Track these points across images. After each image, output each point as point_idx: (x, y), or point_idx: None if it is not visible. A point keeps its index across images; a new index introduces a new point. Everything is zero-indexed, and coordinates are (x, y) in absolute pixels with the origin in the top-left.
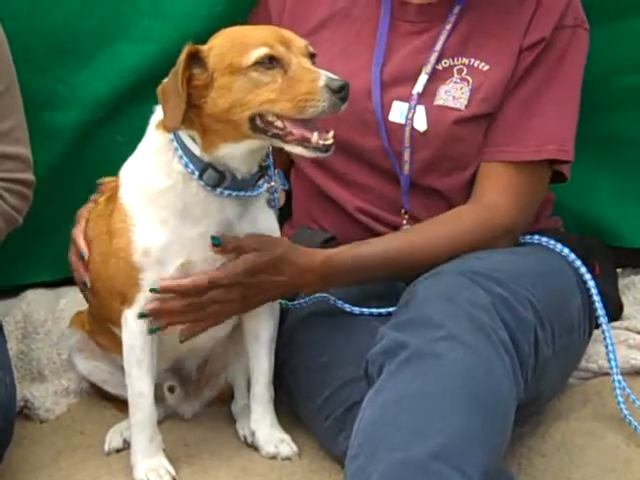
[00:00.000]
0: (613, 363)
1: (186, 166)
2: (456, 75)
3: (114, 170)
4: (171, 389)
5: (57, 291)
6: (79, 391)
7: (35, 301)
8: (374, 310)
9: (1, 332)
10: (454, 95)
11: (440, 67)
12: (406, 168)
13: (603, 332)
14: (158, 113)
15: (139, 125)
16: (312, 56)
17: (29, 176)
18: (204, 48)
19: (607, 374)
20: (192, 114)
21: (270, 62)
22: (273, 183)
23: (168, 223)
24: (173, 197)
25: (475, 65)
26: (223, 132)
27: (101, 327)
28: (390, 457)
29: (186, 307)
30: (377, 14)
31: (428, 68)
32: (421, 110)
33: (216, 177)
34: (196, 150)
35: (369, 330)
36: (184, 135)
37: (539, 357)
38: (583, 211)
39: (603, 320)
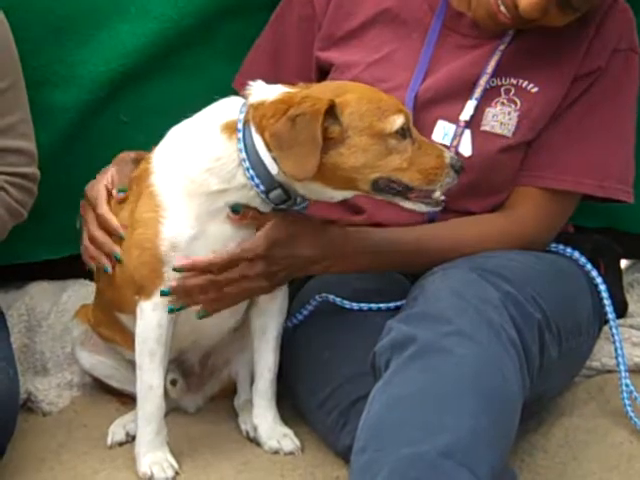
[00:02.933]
0: (622, 367)
1: (251, 179)
2: (503, 95)
3: (117, 146)
4: (173, 382)
5: (60, 284)
6: (82, 384)
7: (38, 294)
8: (373, 305)
9: (4, 325)
10: (501, 120)
11: (488, 86)
12: None
13: (613, 336)
14: (222, 113)
15: (142, 104)
16: None
17: (34, 170)
18: (337, 102)
19: (610, 372)
20: None
21: (404, 131)
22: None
23: (202, 218)
24: (221, 199)
25: (524, 86)
26: (332, 180)
27: (107, 317)
28: (399, 453)
29: (210, 284)
30: (428, 20)
31: (477, 93)
32: (467, 134)
33: (283, 198)
34: (274, 169)
35: (372, 326)
36: (264, 153)
37: (544, 358)
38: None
39: (613, 324)
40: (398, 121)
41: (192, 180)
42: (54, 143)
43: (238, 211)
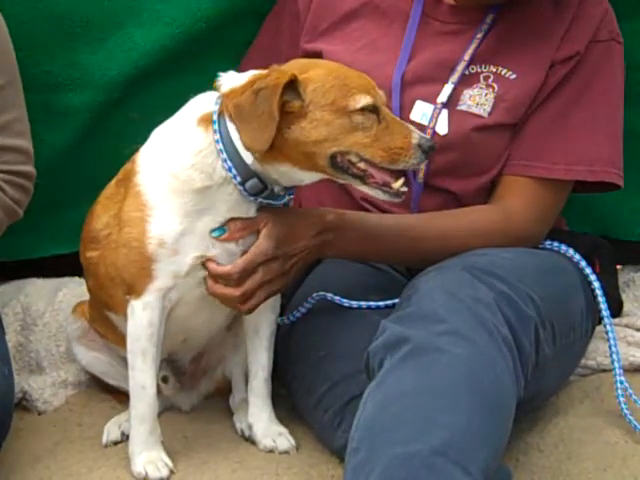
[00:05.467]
0: (616, 364)
1: (229, 170)
2: (482, 81)
3: (129, 144)
4: (165, 379)
5: (56, 283)
6: (77, 383)
7: (34, 293)
8: (371, 303)
9: (0, 323)
10: (478, 101)
11: (467, 72)
12: (420, 176)
13: (607, 333)
14: (198, 107)
15: (153, 103)
16: None
17: (30, 168)
18: (301, 78)
19: (606, 371)
20: None
21: (370, 110)
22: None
23: (189, 216)
24: (205, 196)
25: (502, 73)
26: (296, 158)
27: (99, 315)
28: (392, 452)
29: (236, 298)
30: (408, 9)
31: (455, 77)
32: (444, 114)
33: (260, 187)
34: (249, 158)
35: (368, 324)
36: (239, 142)
37: (539, 355)
38: (593, 203)
39: (607, 322)
40: (363, 100)
41: (176, 177)
42: (68, 143)
43: (221, 233)
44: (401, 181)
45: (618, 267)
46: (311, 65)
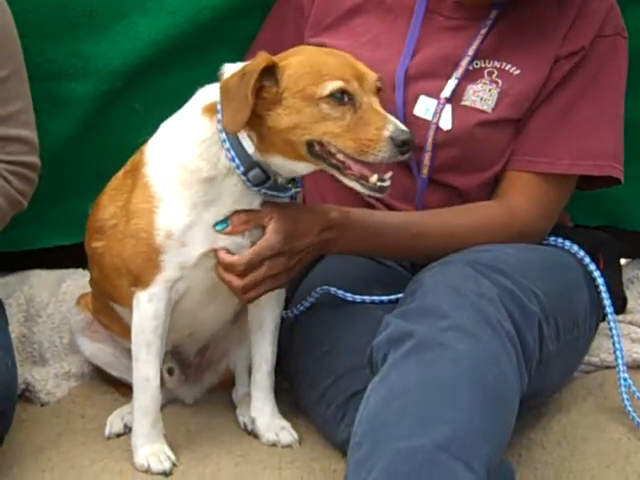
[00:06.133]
0: (620, 361)
1: (232, 160)
2: (486, 77)
3: (132, 136)
4: (170, 371)
5: (60, 274)
6: (80, 375)
7: (37, 284)
8: (375, 298)
9: (3, 314)
10: (482, 96)
11: (471, 67)
12: (424, 171)
13: (611, 330)
14: (204, 97)
15: (156, 93)
16: (378, 90)
17: (34, 159)
18: (280, 64)
19: (609, 368)
20: (255, 119)
21: (342, 97)
22: (300, 189)
23: (196, 207)
24: (212, 186)
25: (506, 69)
26: (280, 147)
27: (103, 306)
28: (395, 446)
29: (237, 289)
30: (412, 4)
31: (459, 72)
32: (447, 109)
33: (262, 177)
34: (250, 148)
35: (371, 318)
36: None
37: (543, 351)
38: (601, 195)
39: (611, 317)
40: (330, 86)
41: (184, 167)
42: (70, 133)
43: (224, 227)
44: (376, 176)
45: (623, 262)
46: (300, 52)
